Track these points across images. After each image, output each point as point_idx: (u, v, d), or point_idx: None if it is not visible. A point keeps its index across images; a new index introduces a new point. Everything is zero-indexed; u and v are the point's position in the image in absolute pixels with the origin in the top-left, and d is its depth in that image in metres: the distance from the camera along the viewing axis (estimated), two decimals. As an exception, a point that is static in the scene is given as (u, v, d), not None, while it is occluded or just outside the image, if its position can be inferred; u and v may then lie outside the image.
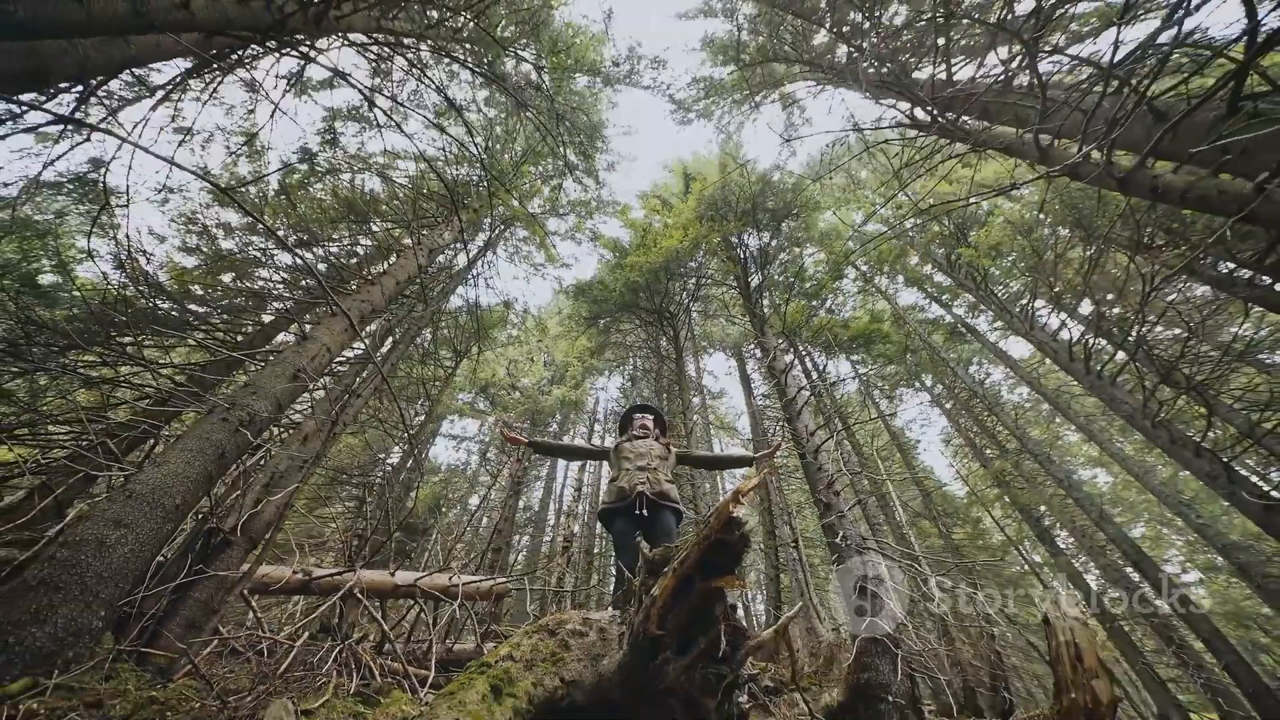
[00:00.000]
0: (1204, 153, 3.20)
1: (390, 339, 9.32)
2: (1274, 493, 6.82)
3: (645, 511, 3.83)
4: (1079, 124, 3.73)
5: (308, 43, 5.78)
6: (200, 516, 3.88)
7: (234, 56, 5.96)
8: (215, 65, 6.02)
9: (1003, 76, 5.30)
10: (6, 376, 7.08)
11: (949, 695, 9.91)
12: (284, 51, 5.24)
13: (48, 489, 3.80)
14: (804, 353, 19.30)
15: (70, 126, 4.92)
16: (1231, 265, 8.76)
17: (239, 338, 9.04)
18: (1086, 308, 11.35)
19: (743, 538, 2.06)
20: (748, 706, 4.27)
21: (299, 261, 8.51)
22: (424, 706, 2.21)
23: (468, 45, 8.71)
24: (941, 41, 6.08)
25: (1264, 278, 8.33)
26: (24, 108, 3.54)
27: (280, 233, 10.67)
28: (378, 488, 11.21)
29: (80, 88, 4.27)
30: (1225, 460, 7.15)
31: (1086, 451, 22.84)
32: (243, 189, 10.28)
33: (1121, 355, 9.83)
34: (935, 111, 6.05)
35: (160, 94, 5.98)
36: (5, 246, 6.54)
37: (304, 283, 9.47)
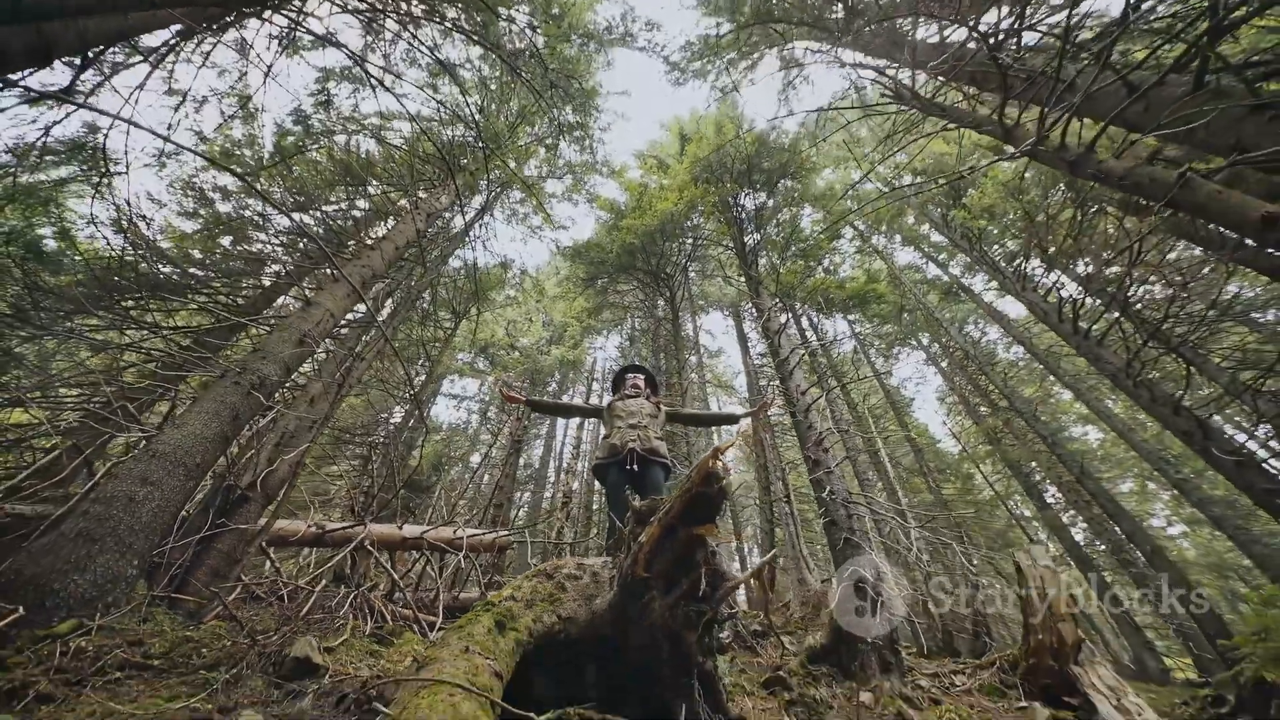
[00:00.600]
0: (1172, 126, 3.32)
1: (390, 301, 9.46)
2: (1260, 450, 7.11)
3: (635, 466, 4.06)
4: (1060, 97, 3.81)
5: (298, 3, 5.77)
6: (218, 474, 4.11)
7: (226, 20, 5.94)
8: (208, 28, 6.01)
9: (992, 41, 5.31)
10: (15, 341, 7.26)
11: (929, 639, 10.39)
12: (274, 12, 5.23)
13: (77, 449, 4.02)
14: (799, 313, 19.46)
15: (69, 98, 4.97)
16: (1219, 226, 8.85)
17: (240, 301, 9.18)
18: (1078, 269, 11.46)
19: (720, 491, 2.26)
20: (727, 640, 4.57)
21: (298, 225, 8.57)
22: (433, 641, 2.47)
23: (460, 4, 8.61)
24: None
25: (1249, 240, 8.44)
26: (29, 91, 3.62)
27: (277, 195, 10.71)
28: (382, 446, 11.50)
29: (79, 60, 4.32)
30: (1201, 418, 7.39)
31: (1077, 409, 23.19)
32: (238, 153, 10.27)
33: (1109, 316, 9.99)
34: (914, 86, 6.06)
35: (154, 60, 5.98)
36: (10, 214, 6.63)
37: (302, 245, 9.56)
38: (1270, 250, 2.54)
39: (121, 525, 3.05)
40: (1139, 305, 10.57)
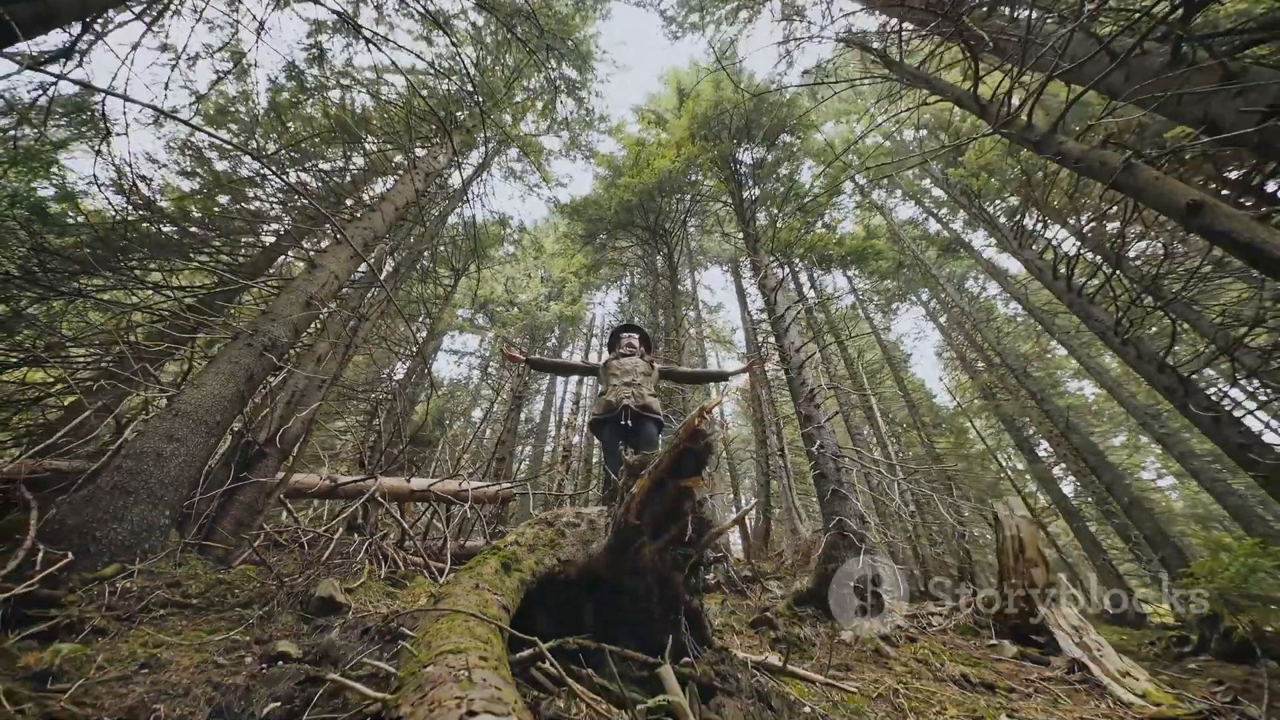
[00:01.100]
0: (1147, 96, 3.40)
1: (390, 260, 9.57)
2: (1247, 401, 7.34)
3: (630, 422, 4.29)
4: (1046, 66, 3.83)
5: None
6: (237, 432, 4.34)
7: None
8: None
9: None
10: (25, 302, 7.42)
11: (912, 584, 10.86)
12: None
13: (106, 409, 4.24)
14: (797, 269, 19.49)
15: (69, 59, 5.01)
16: (1218, 186, 8.89)
17: (241, 260, 9.28)
18: (1078, 224, 11.50)
19: (706, 447, 2.48)
20: (712, 581, 4.88)
21: (297, 185, 8.61)
22: (446, 580, 2.73)
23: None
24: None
25: (1246, 200, 8.50)
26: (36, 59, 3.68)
27: (273, 152, 10.69)
28: (388, 402, 11.77)
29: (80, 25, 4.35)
30: (1183, 375, 7.60)
31: (1072, 364, 23.45)
32: (233, 109, 10.21)
33: (1105, 271, 10.09)
34: (901, 55, 6.03)
35: (149, 20, 5.96)
36: (13, 177, 6.70)
37: (299, 202, 9.61)
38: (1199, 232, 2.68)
39: (152, 479, 3.29)
40: (1138, 261, 10.68)
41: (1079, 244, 10.69)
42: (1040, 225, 11.02)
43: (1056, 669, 4.82)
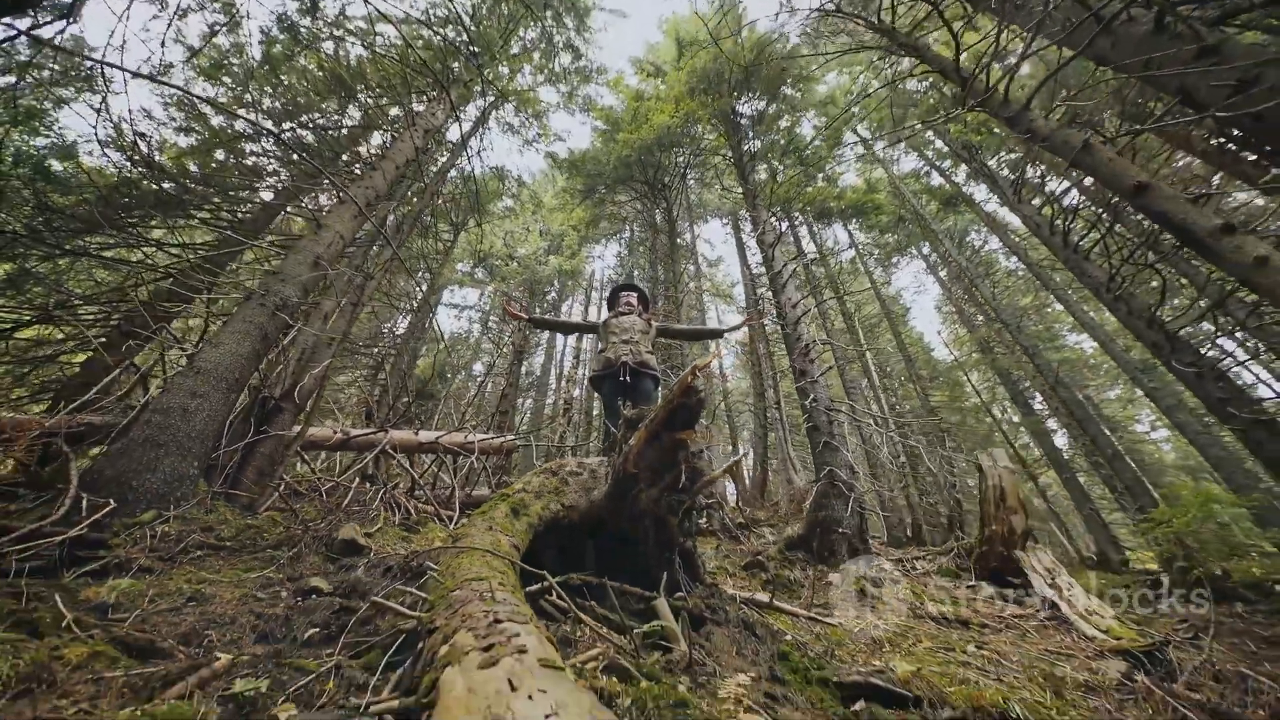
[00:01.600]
0: (1132, 67, 3.45)
1: (390, 217, 9.61)
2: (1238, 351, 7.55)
3: (628, 378, 4.50)
4: (1049, 35, 3.84)
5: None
6: (253, 387, 4.54)
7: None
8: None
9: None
10: (32, 260, 7.54)
11: (899, 531, 11.29)
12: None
13: (134, 366, 4.43)
14: (797, 223, 19.42)
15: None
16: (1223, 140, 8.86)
17: (241, 216, 9.34)
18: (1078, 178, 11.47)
19: (698, 402, 2.67)
20: (704, 525, 5.15)
21: (294, 140, 8.61)
22: (460, 523, 2.96)
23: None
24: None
25: (1248, 154, 8.50)
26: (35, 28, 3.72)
27: (268, 104, 10.61)
28: (392, 357, 11.98)
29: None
30: (1170, 332, 7.78)
31: (1069, 318, 23.57)
32: (228, 63, 10.08)
33: (1103, 225, 10.14)
34: (894, 20, 5.94)
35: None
36: (15, 136, 6.74)
37: (295, 157, 9.59)
38: (1141, 212, 2.79)
39: (180, 432, 3.50)
40: (1139, 218, 10.69)
41: (1079, 198, 10.72)
42: (1040, 179, 11.02)
43: (1029, 608, 5.14)
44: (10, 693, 1.55)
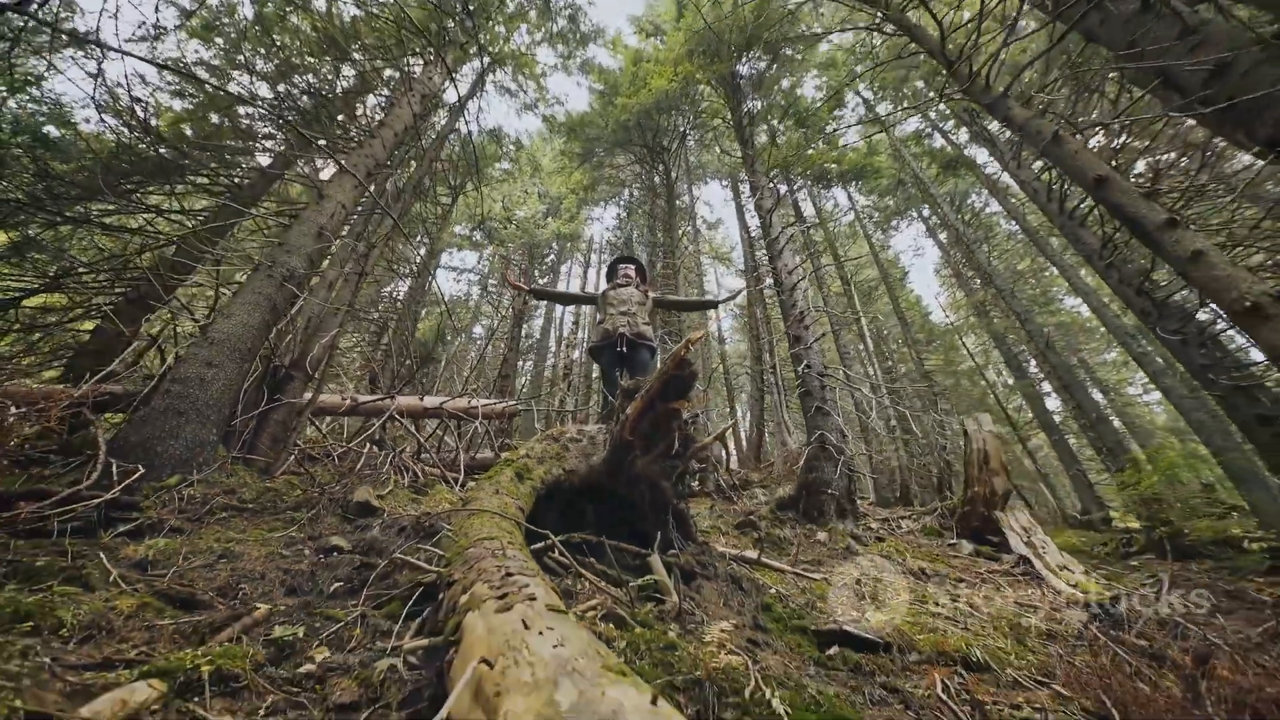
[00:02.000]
0: (1123, 46, 3.51)
1: (391, 184, 9.62)
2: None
3: (626, 349, 4.67)
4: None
5: None
6: (264, 356, 4.70)
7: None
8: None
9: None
10: (34, 228, 7.60)
11: (889, 491, 11.62)
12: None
13: (152, 338, 4.59)
14: (796, 187, 19.32)
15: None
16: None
17: (238, 181, 9.35)
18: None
19: (691, 374, 2.84)
20: (697, 488, 5.39)
21: (288, 102, 8.58)
22: (470, 487, 3.17)
23: None
24: None
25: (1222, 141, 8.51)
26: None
27: (260, 66, 10.49)
28: (393, 321, 12.11)
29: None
30: (1157, 300, 7.92)
31: (1065, 283, 23.64)
32: (219, 23, 9.94)
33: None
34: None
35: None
36: (12, 103, 6.75)
37: (289, 118, 9.56)
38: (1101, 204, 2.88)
39: (199, 401, 3.68)
40: (1139, 180, 10.70)
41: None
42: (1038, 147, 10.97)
43: (1005, 564, 5.43)
44: (76, 638, 1.75)
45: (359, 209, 8.56)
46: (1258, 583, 5.22)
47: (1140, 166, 8.27)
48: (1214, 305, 2.45)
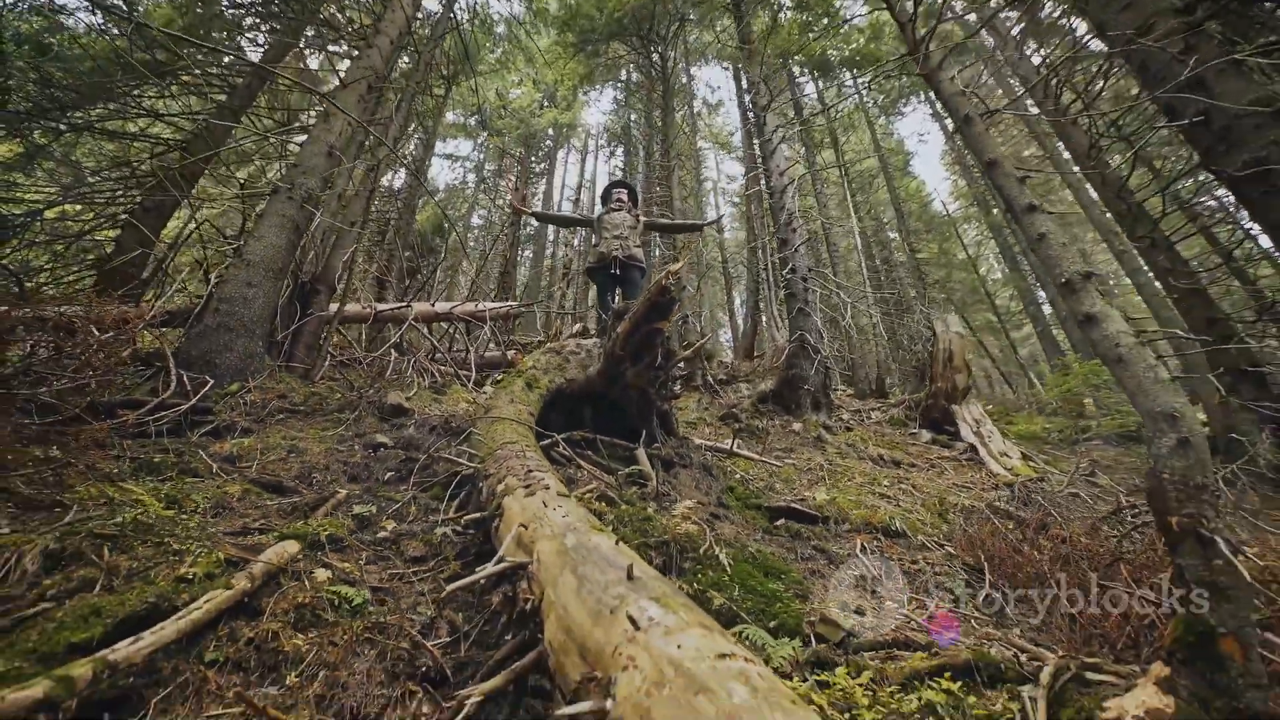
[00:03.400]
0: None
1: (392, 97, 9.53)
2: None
3: (618, 270, 5.12)
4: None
5: None
6: (292, 274, 5.15)
7: None
8: None
9: None
10: (38, 135, 7.75)
11: (866, 385, 12.39)
12: None
13: (198, 264, 5.02)
14: (796, 77, 18.70)
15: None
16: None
17: (231, 82, 9.30)
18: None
19: (671, 300, 3.34)
20: (679, 392, 6.02)
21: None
22: (485, 391, 3.77)
23: None
24: None
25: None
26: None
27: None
28: (394, 219, 12.32)
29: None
30: (1135, 204, 8.21)
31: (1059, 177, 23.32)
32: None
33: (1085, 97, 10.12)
34: None
35: None
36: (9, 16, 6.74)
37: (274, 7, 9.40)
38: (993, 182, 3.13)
39: (245, 317, 4.20)
40: (1136, 93, 10.58)
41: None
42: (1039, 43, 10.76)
43: (955, 450, 6.18)
44: (210, 514, 2.38)
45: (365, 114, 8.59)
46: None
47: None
48: (1049, 277, 2.91)
